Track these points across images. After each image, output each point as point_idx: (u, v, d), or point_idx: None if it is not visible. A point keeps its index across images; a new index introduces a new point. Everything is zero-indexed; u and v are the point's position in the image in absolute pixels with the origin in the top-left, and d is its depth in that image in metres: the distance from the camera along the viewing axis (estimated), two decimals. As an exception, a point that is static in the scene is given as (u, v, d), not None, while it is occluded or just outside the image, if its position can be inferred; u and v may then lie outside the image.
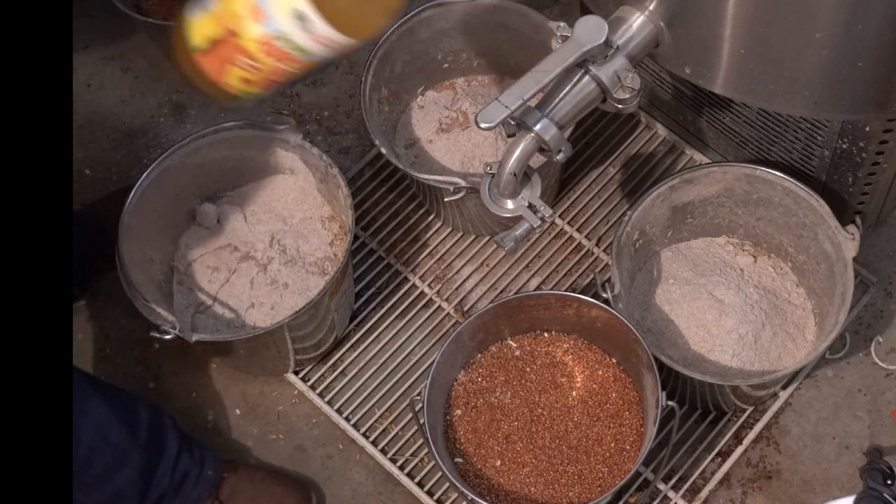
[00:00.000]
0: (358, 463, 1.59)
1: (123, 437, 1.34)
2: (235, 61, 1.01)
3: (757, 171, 1.47)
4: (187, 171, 1.54)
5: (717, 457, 1.55)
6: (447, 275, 1.69)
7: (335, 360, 1.65)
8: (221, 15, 0.99)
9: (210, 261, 1.58)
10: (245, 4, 0.98)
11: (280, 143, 1.55)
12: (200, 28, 1.01)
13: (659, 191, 1.48)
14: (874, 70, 1.12)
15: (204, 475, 1.47)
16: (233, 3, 0.99)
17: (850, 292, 1.39)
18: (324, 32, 0.96)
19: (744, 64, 1.16)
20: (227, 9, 0.99)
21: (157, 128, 1.86)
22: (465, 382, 1.49)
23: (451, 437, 1.46)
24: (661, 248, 1.58)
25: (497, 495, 1.43)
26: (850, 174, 1.46)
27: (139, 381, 1.66)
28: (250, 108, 1.85)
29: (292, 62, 1.01)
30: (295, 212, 1.61)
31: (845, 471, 1.53)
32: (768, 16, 1.10)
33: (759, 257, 1.58)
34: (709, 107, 1.60)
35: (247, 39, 0.99)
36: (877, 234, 1.67)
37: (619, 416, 1.46)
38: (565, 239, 1.71)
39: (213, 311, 1.54)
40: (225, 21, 0.99)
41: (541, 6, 1.62)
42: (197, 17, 1.02)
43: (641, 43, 1.19)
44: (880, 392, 1.57)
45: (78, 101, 1.89)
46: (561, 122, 1.19)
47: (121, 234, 1.46)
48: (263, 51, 0.99)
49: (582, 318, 1.47)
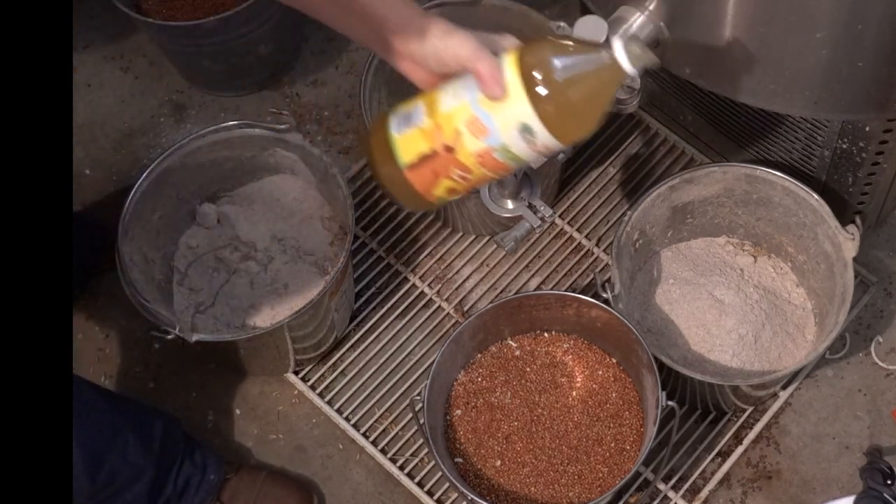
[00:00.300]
0: (358, 463, 1.59)
1: (139, 455, 1.36)
2: (449, 174, 1.01)
3: (757, 171, 1.47)
4: (187, 171, 1.54)
5: (717, 457, 1.55)
6: (447, 275, 1.69)
7: (335, 360, 1.65)
8: (434, 131, 0.99)
9: (210, 261, 1.58)
10: (465, 121, 0.98)
11: (280, 143, 1.55)
12: (410, 144, 1.01)
13: (659, 191, 1.48)
14: (874, 70, 1.12)
15: (206, 480, 1.47)
16: (450, 121, 0.98)
17: (850, 292, 1.39)
18: (546, 142, 0.97)
19: (743, 64, 1.16)
20: (441, 125, 0.99)
21: (157, 128, 1.86)
22: (465, 382, 1.49)
23: (451, 437, 1.46)
24: (661, 248, 1.58)
25: (497, 495, 1.43)
26: (850, 174, 1.46)
27: (139, 381, 1.66)
28: (250, 109, 1.86)
29: (503, 170, 1.02)
30: (295, 212, 1.61)
31: (845, 471, 1.53)
32: (768, 16, 1.10)
33: (759, 257, 1.58)
34: (709, 107, 1.60)
35: (464, 154, 0.99)
36: (877, 234, 1.67)
37: (619, 416, 1.46)
38: (565, 239, 1.71)
39: (213, 311, 1.54)
40: (440, 137, 0.99)
41: (541, 6, 1.62)
42: (404, 133, 1.01)
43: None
44: (880, 392, 1.57)
45: (78, 101, 1.89)
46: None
47: (121, 234, 1.46)
48: (479, 163, 1.00)
49: (582, 318, 1.47)
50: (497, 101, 0.96)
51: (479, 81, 0.96)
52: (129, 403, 1.43)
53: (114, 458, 1.32)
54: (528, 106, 0.95)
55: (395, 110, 1.03)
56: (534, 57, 0.96)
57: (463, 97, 0.98)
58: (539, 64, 0.95)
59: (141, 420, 1.40)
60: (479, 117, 0.97)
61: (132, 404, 1.44)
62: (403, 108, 1.03)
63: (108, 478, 1.31)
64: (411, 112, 1.01)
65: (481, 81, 0.96)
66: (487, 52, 0.98)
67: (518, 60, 0.96)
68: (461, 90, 0.99)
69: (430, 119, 0.99)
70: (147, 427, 1.40)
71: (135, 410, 1.42)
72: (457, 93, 0.99)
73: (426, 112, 1.00)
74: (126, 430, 1.35)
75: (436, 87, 1.02)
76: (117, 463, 1.32)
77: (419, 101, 1.02)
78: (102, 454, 1.30)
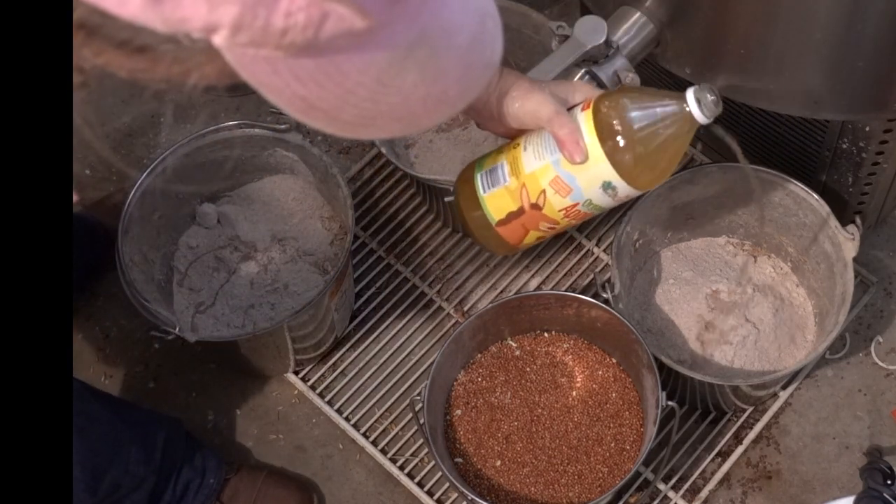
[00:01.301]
0: (358, 463, 1.59)
1: (141, 466, 1.36)
2: (537, 227, 1.06)
3: (757, 171, 1.46)
4: (187, 171, 1.54)
5: (717, 457, 1.55)
6: (447, 275, 1.69)
7: (335, 360, 1.65)
8: (520, 191, 1.03)
9: (210, 261, 1.58)
10: (549, 181, 1.01)
11: (280, 143, 1.55)
12: (498, 203, 1.05)
13: (659, 191, 1.48)
14: (874, 70, 1.12)
15: (205, 484, 1.47)
16: (535, 181, 1.02)
17: (850, 292, 1.39)
18: (627, 193, 1.01)
19: (743, 64, 1.16)
20: (527, 185, 1.03)
21: (157, 128, 1.86)
22: (465, 382, 1.49)
23: (451, 437, 1.46)
24: (661, 248, 1.58)
25: (497, 495, 1.43)
26: (850, 174, 1.46)
27: (139, 381, 1.66)
28: (250, 109, 1.86)
29: (588, 217, 1.07)
30: (295, 212, 1.61)
31: (845, 471, 1.53)
32: (768, 16, 1.10)
33: (759, 257, 1.58)
34: (709, 107, 1.60)
35: (550, 210, 1.03)
36: (877, 234, 1.67)
37: (619, 416, 1.46)
38: (565, 239, 1.71)
39: (213, 311, 1.54)
40: (526, 197, 1.03)
41: (541, 6, 1.62)
42: (491, 192, 1.05)
43: (641, 43, 1.19)
44: (880, 392, 1.57)
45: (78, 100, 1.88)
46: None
47: (121, 234, 1.46)
48: (565, 216, 1.04)
49: (582, 318, 1.47)
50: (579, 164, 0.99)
51: (559, 146, 0.99)
52: (132, 411, 1.43)
53: (116, 470, 1.32)
54: (609, 166, 0.98)
55: (480, 164, 1.07)
56: (610, 115, 0.99)
57: (545, 158, 1.01)
58: (615, 123, 0.98)
59: (144, 430, 1.40)
60: (563, 178, 1.01)
61: (135, 412, 1.44)
62: (488, 162, 1.06)
63: (110, 489, 1.31)
64: (494, 170, 1.05)
65: (562, 147, 0.99)
66: (566, 116, 1.00)
67: (595, 120, 0.99)
68: (543, 151, 1.02)
69: (514, 178, 1.03)
70: (150, 437, 1.40)
71: (137, 419, 1.41)
72: (539, 153, 1.02)
73: (510, 172, 1.04)
74: (129, 442, 1.35)
75: (517, 143, 1.05)
76: (119, 475, 1.32)
77: (502, 158, 1.05)
78: (104, 469, 1.30)
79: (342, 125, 0.60)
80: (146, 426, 1.41)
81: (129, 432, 1.36)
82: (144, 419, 1.42)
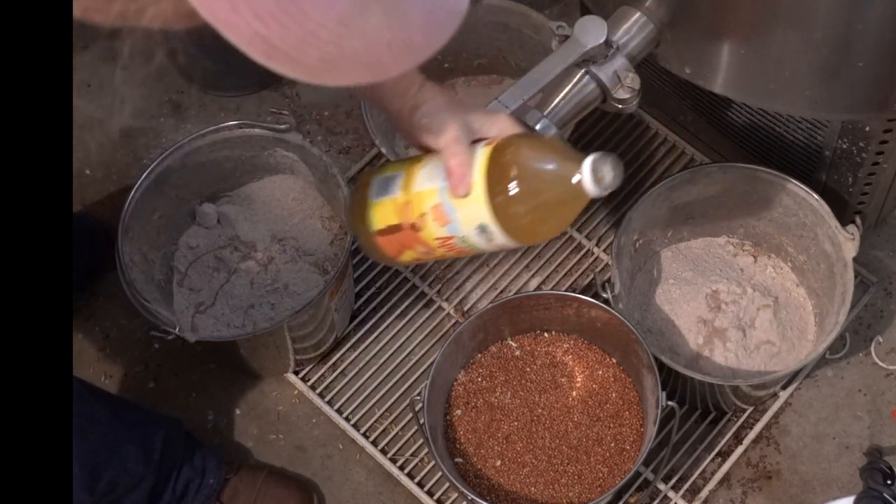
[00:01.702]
0: (358, 463, 1.59)
1: (140, 465, 1.36)
2: (413, 248, 1.03)
3: (757, 171, 1.46)
4: (187, 171, 1.54)
5: (717, 457, 1.55)
6: (447, 275, 1.69)
7: (335, 360, 1.65)
8: (404, 207, 1.01)
9: (210, 261, 1.58)
10: (431, 206, 0.99)
11: (280, 143, 1.55)
12: (382, 213, 1.03)
13: (659, 191, 1.48)
14: (874, 70, 1.12)
15: (205, 484, 1.47)
16: (420, 201, 1.00)
17: (850, 292, 1.39)
18: (502, 243, 0.98)
19: (744, 64, 1.16)
20: (412, 203, 1.00)
21: (157, 128, 1.86)
22: (465, 382, 1.49)
23: (451, 437, 1.46)
24: (661, 248, 1.58)
25: (497, 495, 1.43)
26: (850, 174, 1.46)
27: (139, 381, 1.66)
28: (250, 109, 1.86)
29: (465, 254, 1.04)
30: (295, 212, 1.61)
31: (845, 471, 1.53)
32: (768, 16, 1.10)
33: (759, 257, 1.58)
34: (709, 107, 1.60)
35: (427, 235, 1.01)
36: (877, 234, 1.67)
37: (619, 416, 1.46)
38: (565, 239, 1.71)
39: (213, 311, 1.54)
40: (408, 215, 1.01)
41: (541, 6, 1.62)
42: (379, 201, 1.03)
43: (641, 43, 1.19)
44: (880, 392, 1.57)
45: (78, 100, 1.88)
46: (561, 123, 1.19)
47: (121, 234, 1.46)
48: (440, 245, 1.01)
49: (582, 318, 1.47)
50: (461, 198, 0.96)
51: (448, 175, 0.97)
52: (130, 411, 1.43)
53: (113, 469, 1.32)
54: (488, 210, 0.95)
55: (383, 168, 1.05)
56: (505, 160, 0.96)
57: (435, 182, 0.99)
58: (506, 170, 0.95)
59: (143, 429, 1.40)
60: (444, 207, 0.98)
61: (134, 412, 1.43)
62: (390, 169, 1.04)
63: (108, 488, 1.31)
64: (391, 179, 1.03)
65: (449, 177, 0.97)
66: (463, 146, 0.97)
67: (490, 160, 0.96)
68: (436, 174, 0.99)
69: (403, 193, 1.01)
70: (149, 437, 1.39)
71: (136, 419, 1.41)
72: (431, 175, 1.00)
73: (402, 185, 1.01)
74: (127, 441, 1.34)
75: (420, 159, 1.03)
76: (117, 473, 1.32)
77: (401, 170, 1.03)
78: (102, 468, 1.30)
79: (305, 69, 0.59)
80: (145, 426, 1.41)
81: (127, 432, 1.36)
82: (143, 419, 1.42)
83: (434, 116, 1.00)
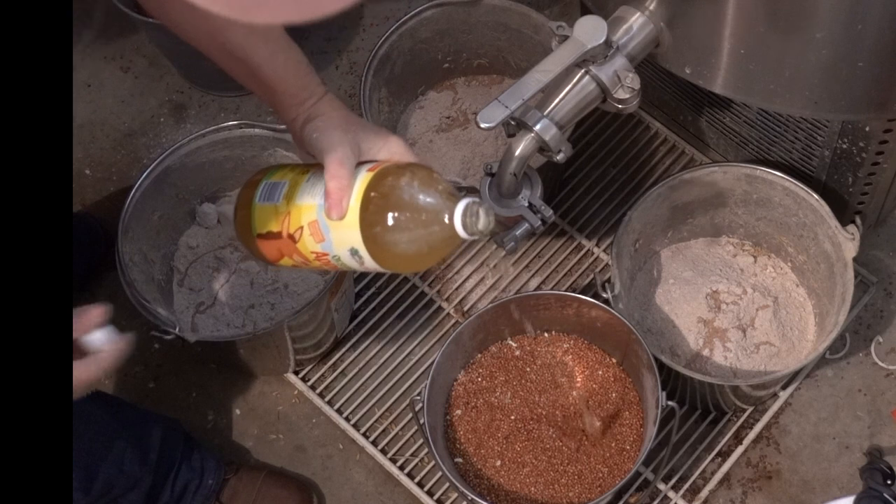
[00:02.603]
0: (358, 463, 1.59)
1: (136, 465, 1.36)
2: (291, 256, 1.04)
3: (757, 171, 1.47)
4: (187, 171, 1.54)
5: (717, 457, 1.55)
6: (447, 275, 1.69)
7: (335, 360, 1.65)
8: (284, 217, 1.01)
9: (210, 261, 1.58)
10: (309, 222, 0.99)
11: (280, 143, 1.55)
12: (264, 218, 1.03)
13: (659, 191, 1.48)
14: (874, 70, 1.12)
15: (204, 485, 1.47)
16: (299, 214, 1.00)
17: (850, 292, 1.39)
18: (373, 268, 0.99)
19: (744, 64, 1.16)
20: (291, 214, 1.01)
21: (157, 128, 1.86)
22: (465, 382, 1.49)
23: (451, 437, 1.46)
24: (661, 248, 1.58)
25: (497, 495, 1.43)
26: (850, 174, 1.46)
27: (139, 381, 1.66)
28: (250, 109, 1.86)
29: (340, 269, 1.05)
30: (295, 212, 1.61)
31: (845, 471, 1.53)
32: (768, 15, 1.10)
33: (759, 257, 1.58)
34: (709, 107, 1.60)
35: (304, 248, 1.01)
36: (877, 234, 1.67)
37: (619, 416, 1.46)
38: (565, 239, 1.71)
39: (213, 311, 1.54)
40: (287, 225, 1.01)
41: (541, 6, 1.62)
42: (263, 205, 1.03)
43: (641, 43, 1.19)
44: (880, 392, 1.57)
45: (78, 101, 1.89)
46: (561, 123, 1.19)
47: (120, 234, 1.46)
48: (316, 258, 1.02)
49: (582, 318, 1.47)
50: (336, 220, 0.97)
51: (325, 195, 0.96)
52: (126, 410, 1.43)
53: (109, 469, 1.31)
54: (359, 236, 0.95)
55: (272, 173, 1.05)
56: (383, 188, 0.96)
57: (315, 198, 0.99)
58: (384, 198, 0.95)
59: (138, 428, 1.39)
60: (320, 225, 0.98)
61: (130, 411, 1.43)
62: (279, 175, 1.04)
63: (104, 488, 1.31)
64: (276, 186, 1.03)
65: (326, 198, 0.96)
66: (345, 169, 0.96)
67: (367, 186, 0.96)
68: (317, 190, 0.99)
69: (285, 203, 1.01)
70: (145, 436, 1.39)
71: (132, 418, 1.41)
72: (313, 191, 1.00)
73: (285, 194, 1.01)
74: (122, 440, 1.34)
75: (307, 170, 1.02)
76: (113, 473, 1.32)
77: (288, 178, 1.03)
78: (97, 467, 1.29)
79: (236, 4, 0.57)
80: (142, 426, 1.41)
81: (123, 431, 1.35)
82: (140, 418, 1.42)
83: (323, 132, 0.99)
